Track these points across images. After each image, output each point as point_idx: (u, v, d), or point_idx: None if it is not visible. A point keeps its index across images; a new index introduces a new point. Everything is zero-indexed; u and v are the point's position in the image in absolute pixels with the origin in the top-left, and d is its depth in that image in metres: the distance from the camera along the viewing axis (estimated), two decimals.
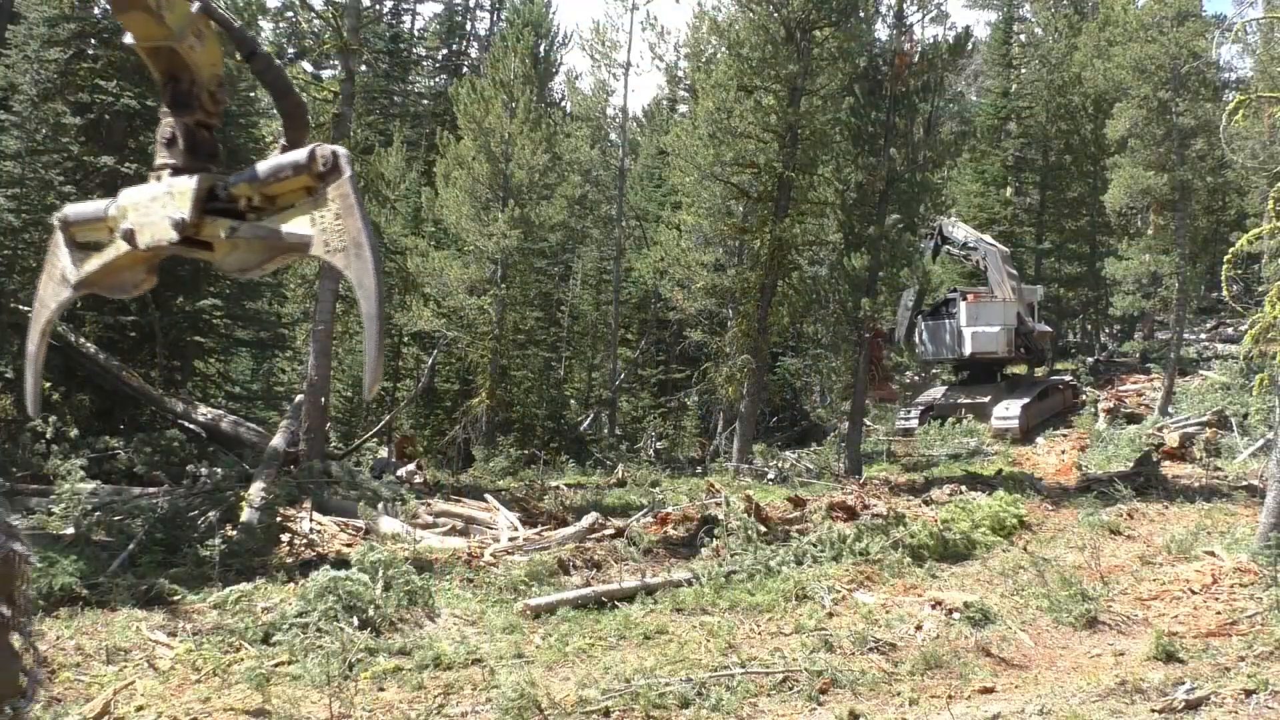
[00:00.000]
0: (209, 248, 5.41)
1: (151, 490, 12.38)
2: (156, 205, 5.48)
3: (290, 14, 20.89)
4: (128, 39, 5.36)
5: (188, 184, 5.42)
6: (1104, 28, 31.89)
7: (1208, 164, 27.55)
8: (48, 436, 12.14)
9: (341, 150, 4.96)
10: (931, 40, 25.32)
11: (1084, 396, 27.99)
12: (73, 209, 6.29)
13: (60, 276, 6.33)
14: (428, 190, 26.79)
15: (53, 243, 6.16)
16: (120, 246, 5.12)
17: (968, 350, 26.87)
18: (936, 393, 28.74)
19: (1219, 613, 9.02)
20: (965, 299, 27.15)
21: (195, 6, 5.29)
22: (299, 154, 5.15)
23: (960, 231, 27.67)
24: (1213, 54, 29.48)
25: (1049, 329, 29.92)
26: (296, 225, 5.34)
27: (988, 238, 28.36)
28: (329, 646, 6.94)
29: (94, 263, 5.52)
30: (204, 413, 16.26)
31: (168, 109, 5.46)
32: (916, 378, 31.26)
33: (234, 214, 5.19)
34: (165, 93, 5.50)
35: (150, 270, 5.36)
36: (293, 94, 6.01)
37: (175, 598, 8.57)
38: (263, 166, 5.20)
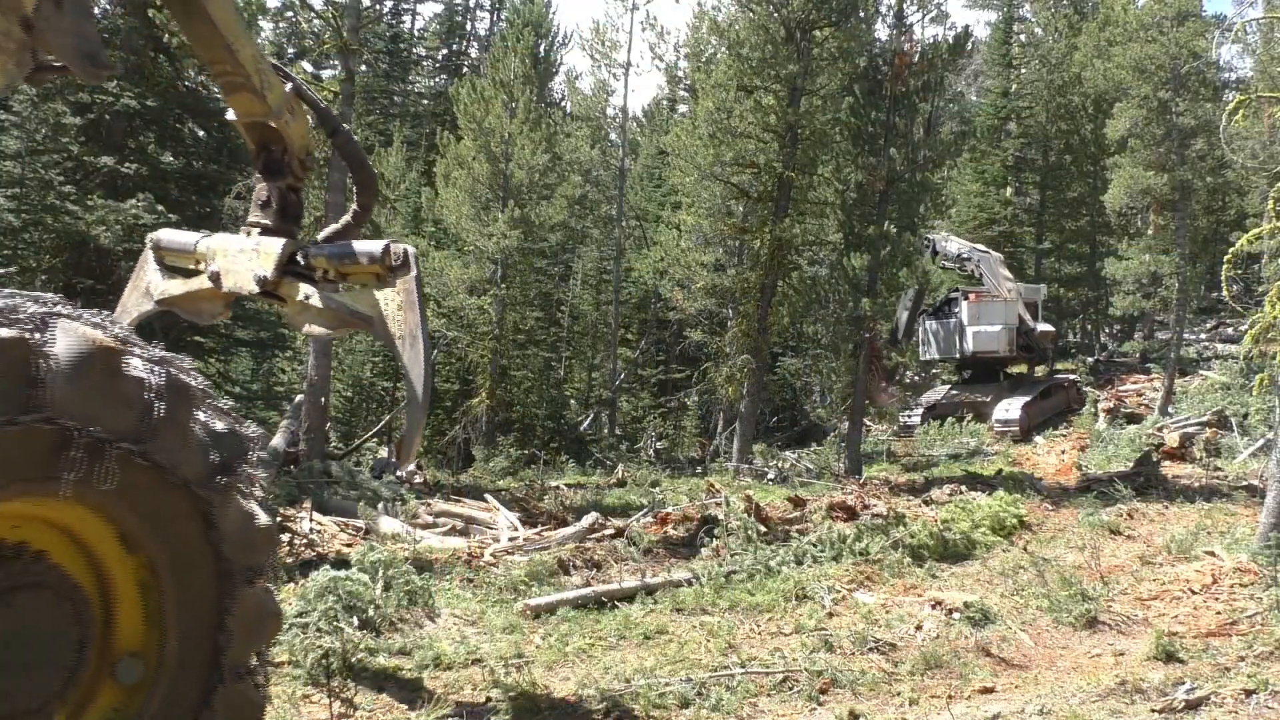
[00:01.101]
0: (283, 301, 5.60)
1: None
2: (244, 258, 5.77)
3: (290, 14, 20.91)
4: (230, 115, 5.57)
5: (274, 246, 5.72)
6: (1104, 28, 31.89)
7: (1208, 164, 27.54)
8: None
9: (411, 249, 5.27)
10: (931, 40, 25.33)
11: (1086, 394, 28.00)
12: (165, 235, 6.30)
13: (145, 290, 6.56)
14: (428, 190, 26.82)
15: (143, 259, 6.05)
16: (205, 281, 5.23)
17: (969, 349, 26.89)
18: (938, 392, 28.75)
19: (1219, 613, 9.02)
20: (967, 298, 27.16)
21: (289, 88, 5.65)
22: (375, 246, 5.55)
23: (954, 245, 27.73)
24: (1213, 54, 29.48)
25: (1050, 328, 29.93)
26: (364, 305, 5.62)
27: (980, 246, 28.44)
28: (329, 646, 6.94)
29: (180, 286, 5.66)
30: None
31: (261, 175, 5.76)
32: (917, 378, 31.27)
33: (309, 279, 5.46)
34: (259, 161, 5.81)
35: (227, 305, 5.47)
36: (367, 167, 6.36)
37: None
38: (344, 248, 5.54)
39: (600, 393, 32.91)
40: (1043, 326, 28.93)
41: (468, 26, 42.84)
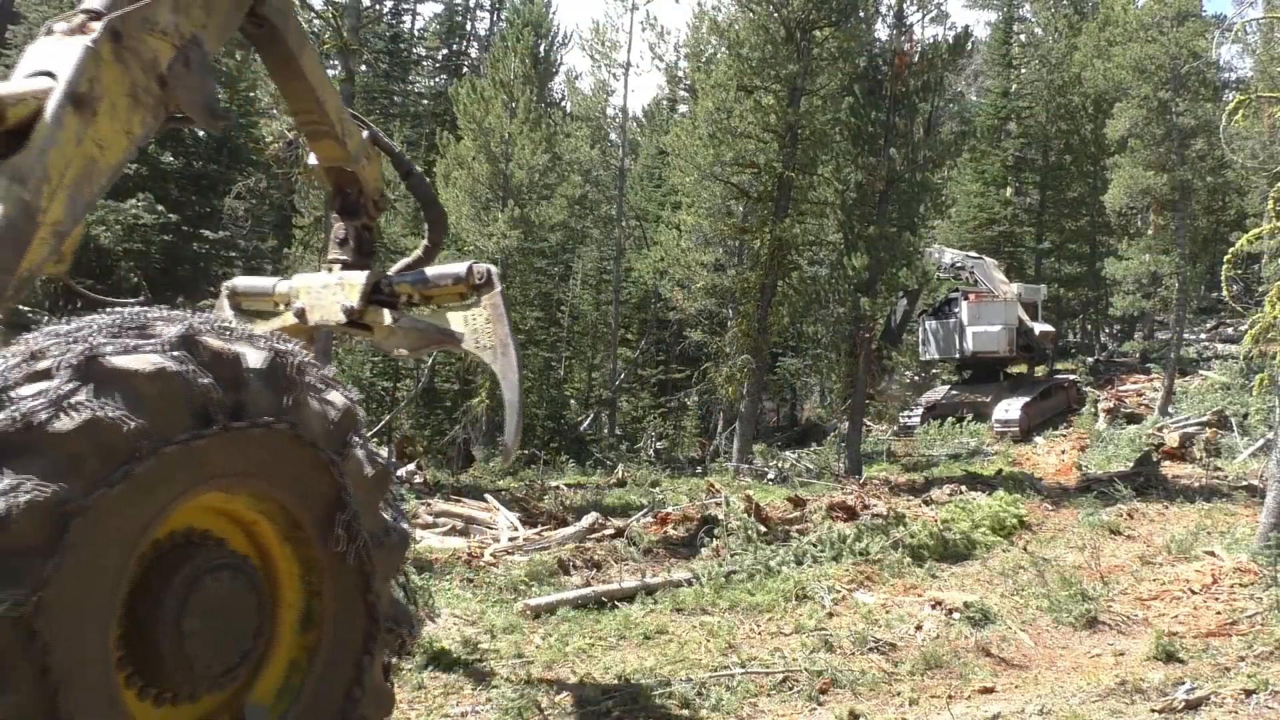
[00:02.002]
0: (369, 329, 6.15)
1: None
2: (328, 292, 6.33)
3: None
4: (311, 160, 6.23)
5: (358, 278, 6.29)
6: (1104, 28, 31.88)
7: (1208, 164, 27.54)
8: None
9: (493, 268, 5.87)
10: (931, 40, 25.32)
11: (1086, 394, 28.00)
12: (241, 281, 6.97)
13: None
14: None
15: (218, 306, 6.79)
16: (288, 318, 5.76)
17: (969, 349, 26.90)
18: (938, 392, 28.76)
19: (1219, 613, 9.02)
20: (967, 299, 27.16)
21: (366, 135, 6.25)
22: (459, 268, 6.13)
23: (948, 256, 27.76)
24: (1213, 54, 29.47)
25: (1050, 329, 29.94)
26: (451, 323, 6.21)
27: (972, 253, 28.50)
28: None
29: (261, 328, 5.94)
30: None
31: (339, 214, 6.39)
32: (917, 378, 31.28)
33: (391, 306, 5.97)
34: (336, 202, 6.47)
35: (311, 340, 5.95)
36: (438, 206, 7.01)
37: None
38: (429, 273, 6.24)
39: (600, 393, 32.91)
40: (1043, 327, 28.96)
41: (468, 26, 42.83)
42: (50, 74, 4.67)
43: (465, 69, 37.96)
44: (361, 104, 25.79)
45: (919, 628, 8.57)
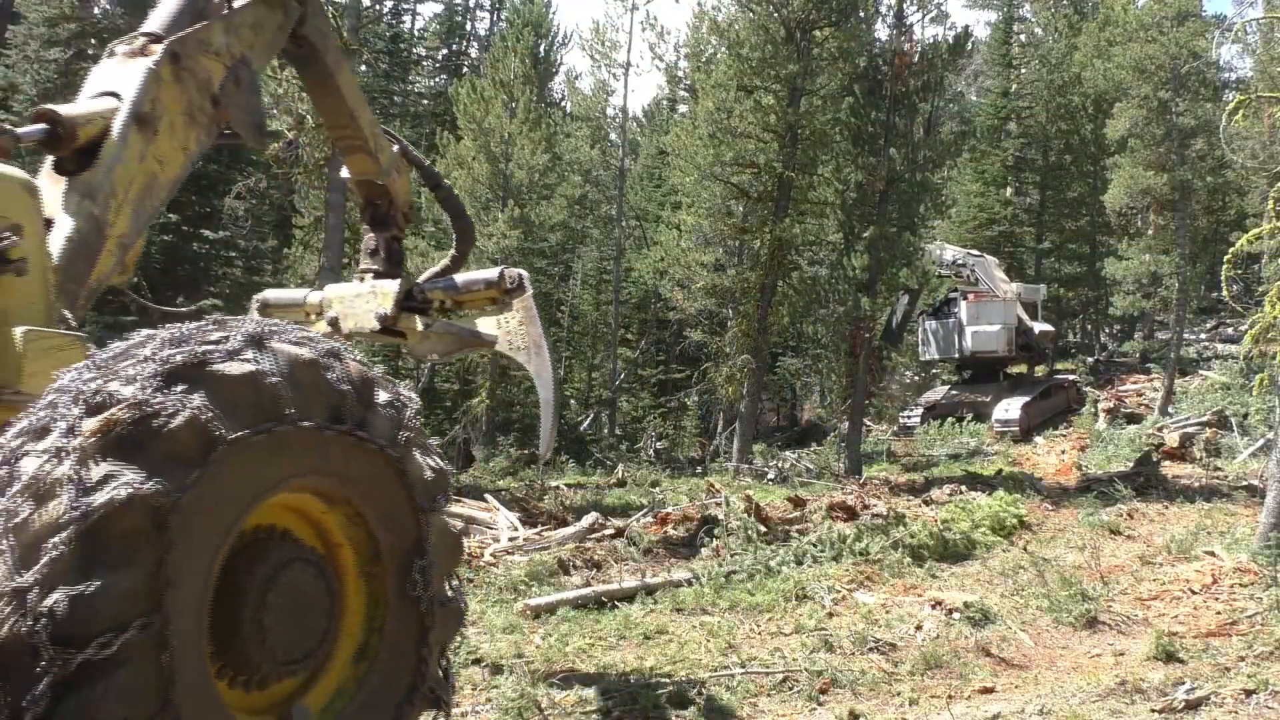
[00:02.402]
0: (402, 335, 6.35)
1: None
2: (361, 301, 6.47)
3: None
4: (344, 173, 6.49)
5: (391, 286, 6.47)
6: (1104, 28, 31.89)
7: (1208, 164, 27.54)
8: None
9: (524, 272, 6.14)
10: (931, 40, 25.33)
11: (1086, 394, 28.01)
12: (272, 294, 7.21)
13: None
14: (427, 190, 26.78)
15: (249, 318, 6.72)
16: (321, 327, 5.87)
17: (969, 349, 26.90)
18: (937, 392, 28.75)
19: (1219, 613, 9.02)
20: (966, 299, 27.16)
21: (396, 149, 6.69)
22: (490, 274, 6.49)
23: (949, 253, 27.72)
24: (1213, 54, 29.48)
25: (1050, 328, 29.92)
26: (484, 326, 6.48)
27: (974, 251, 28.46)
28: None
29: None
30: None
31: (369, 226, 6.60)
32: (916, 378, 31.28)
33: (423, 312, 6.13)
34: (366, 214, 6.80)
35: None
36: (465, 217, 7.21)
37: None
38: (459, 279, 6.49)
39: (600, 393, 32.92)
40: (1042, 326, 28.94)
41: (468, 26, 42.86)
42: (115, 94, 5.00)
43: (465, 69, 37.96)
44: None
45: (919, 628, 8.57)
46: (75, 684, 2.99)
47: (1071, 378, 29.73)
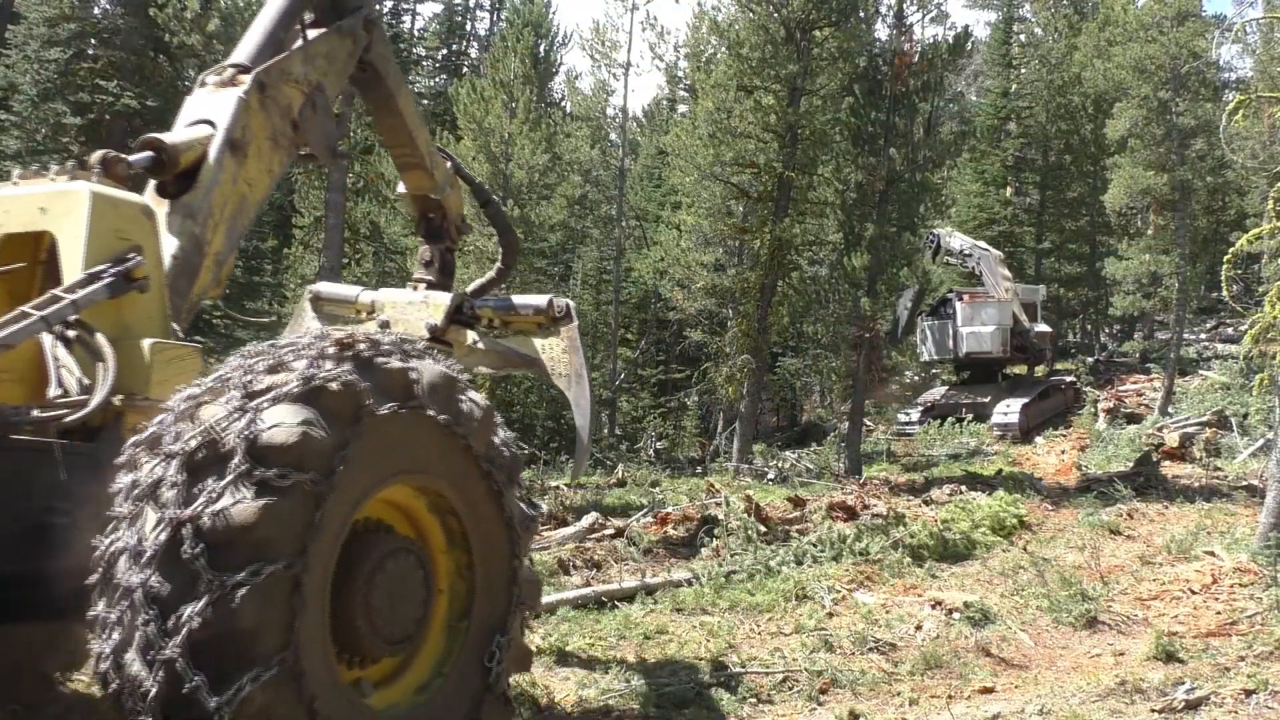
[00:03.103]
0: (449, 345, 6.59)
1: None
2: (413, 309, 6.81)
3: None
4: (400, 189, 7.39)
5: (443, 299, 6.89)
6: (1104, 28, 31.88)
7: (1208, 164, 27.54)
8: None
9: (571, 303, 7.09)
10: (931, 40, 25.33)
11: (1085, 396, 28.00)
12: (324, 287, 7.65)
13: (305, 333, 7.18)
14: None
15: (300, 308, 7.39)
16: (370, 327, 5.85)
17: (963, 350, 26.89)
18: (937, 393, 28.74)
19: (1219, 613, 9.02)
20: (961, 299, 27.17)
21: (449, 165, 7.32)
22: (540, 300, 7.05)
23: (957, 241, 27.68)
24: (1213, 54, 29.49)
25: (1048, 329, 29.87)
26: (529, 349, 6.88)
27: (982, 243, 28.42)
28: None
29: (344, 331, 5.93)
30: None
31: (424, 238, 7.30)
32: (916, 378, 31.26)
33: (472, 327, 6.54)
34: (421, 227, 7.40)
35: None
36: (512, 232, 8.00)
37: None
38: (509, 301, 7.04)
39: (600, 393, 32.88)
40: (1040, 327, 28.89)
41: (468, 26, 42.85)
42: (210, 122, 5.46)
43: (465, 69, 37.96)
44: (362, 104, 25.79)
45: (919, 628, 8.57)
46: (226, 603, 3.41)
47: (1071, 379, 29.72)
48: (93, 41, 19.04)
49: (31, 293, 4.81)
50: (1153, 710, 6.11)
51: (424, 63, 39.88)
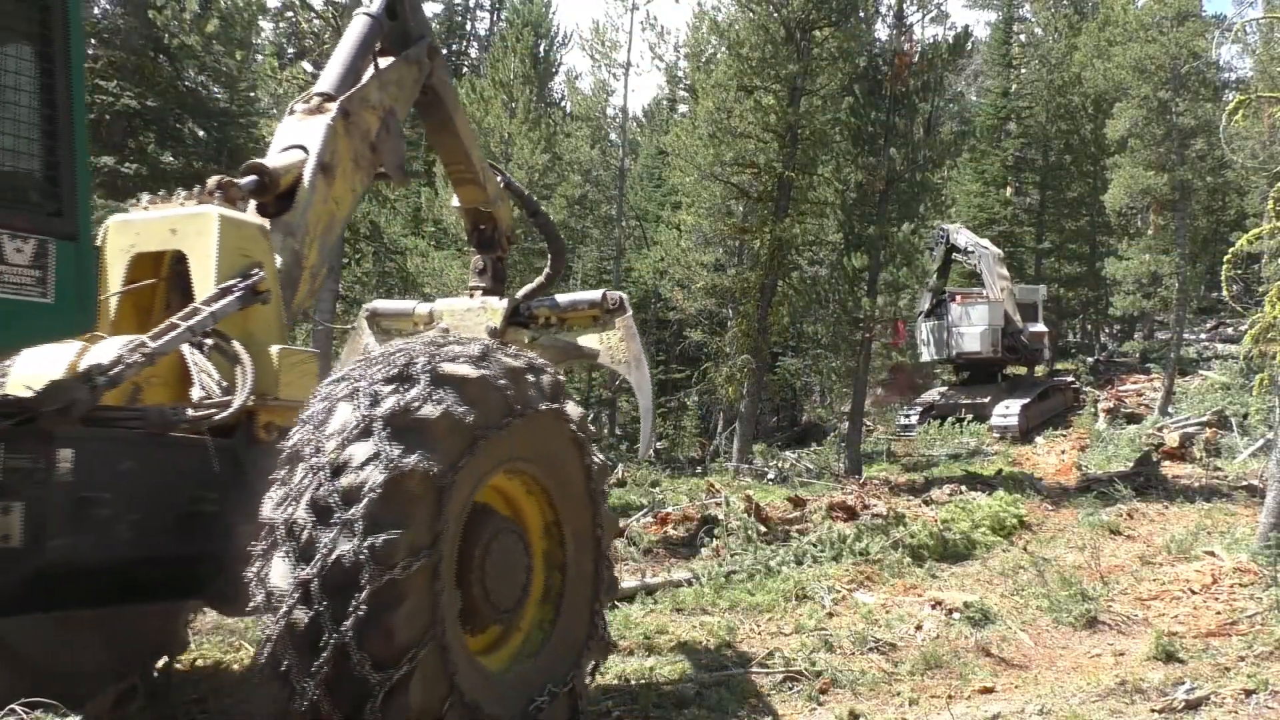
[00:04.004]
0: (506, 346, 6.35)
1: None
2: (472, 315, 7.45)
3: (290, 14, 20.91)
4: (454, 202, 8.15)
5: (500, 303, 7.62)
6: (1104, 28, 31.89)
7: (1208, 164, 27.55)
8: None
9: (624, 295, 7.73)
10: (931, 40, 25.32)
11: (1085, 396, 28.00)
12: (380, 304, 8.40)
13: (363, 351, 7.42)
14: (428, 190, 26.79)
15: (357, 327, 8.13)
16: (431, 335, 6.05)
17: (954, 350, 26.89)
18: (935, 393, 28.74)
19: (1219, 613, 9.02)
20: (954, 299, 27.19)
21: (499, 180, 8.00)
22: (594, 295, 7.72)
23: (963, 238, 27.70)
24: (1213, 54, 29.49)
25: (1044, 329, 29.81)
26: (587, 341, 7.64)
27: (985, 241, 28.43)
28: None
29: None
30: None
31: (476, 248, 7.93)
32: (918, 379, 31.27)
33: (527, 326, 7.34)
34: (473, 238, 8.05)
35: None
36: (559, 239, 8.58)
37: None
38: (562, 299, 7.71)
39: (600, 393, 32.90)
40: (1035, 327, 28.79)
41: (468, 26, 42.88)
42: (303, 147, 6.02)
43: (465, 69, 37.95)
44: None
45: (919, 628, 8.57)
46: (383, 594, 3.94)
47: (1071, 379, 29.71)
48: (93, 41, 19.02)
49: (155, 305, 5.46)
50: (1153, 710, 6.11)
51: None
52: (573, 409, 5.11)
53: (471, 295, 7.76)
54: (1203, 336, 34.75)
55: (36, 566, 4.20)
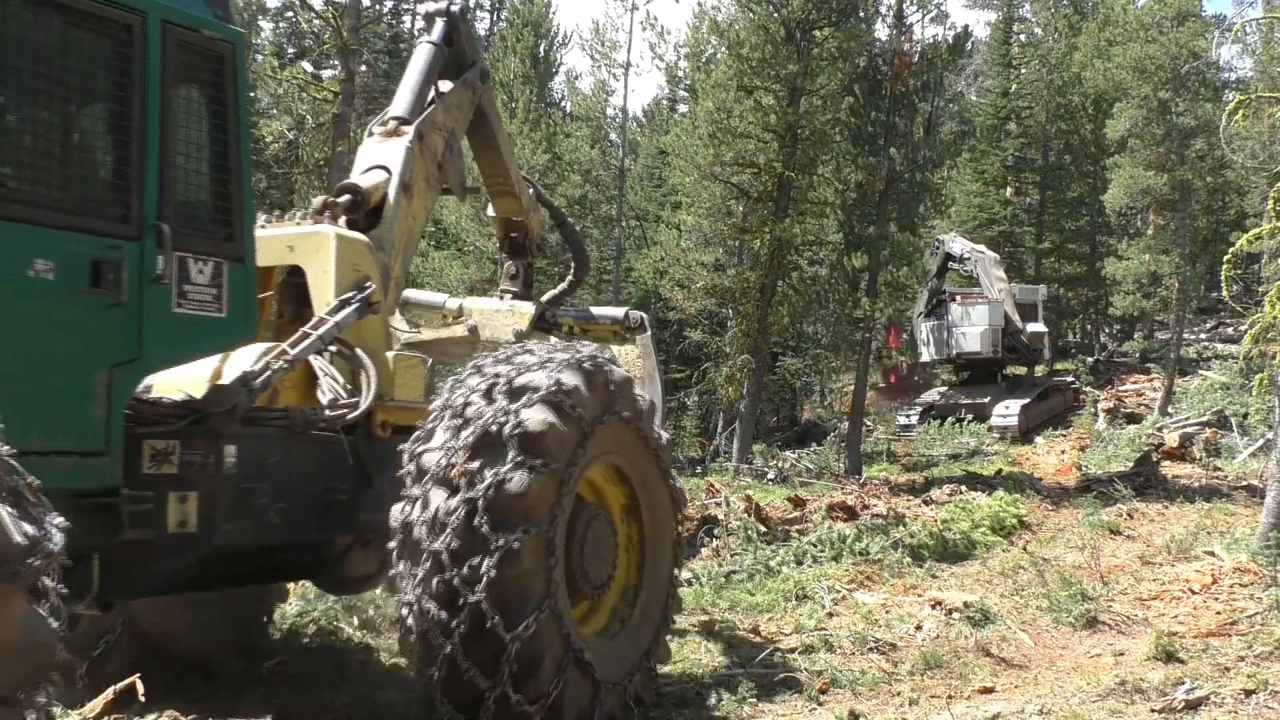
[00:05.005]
0: None
1: None
2: (500, 316, 7.95)
3: (290, 14, 20.91)
4: (490, 211, 8.87)
5: (527, 309, 8.16)
6: (1104, 28, 31.89)
7: (1208, 164, 27.54)
8: None
9: (644, 315, 8.74)
10: (931, 40, 25.32)
11: (1085, 397, 28.00)
12: (413, 294, 8.74)
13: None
14: None
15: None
16: (458, 330, 7.32)
17: (954, 350, 26.91)
18: (935, 393, 28.75)
19: (1219, 613, 9.01)
20: (954, 299, 27.19)
21: (532, 192, 8.63)
22: (617, 312, 8.75)
23: (958, 245, 27.74)
24: (1213, 54, 29.51)
25: (1043, 329, 29.80)
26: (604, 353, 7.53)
27: (980, 246, 28.49)
28: (332, 646, 6.94)
29: (430, 334, 7.81)
30: None
31: (508, 255, 8.67)
32: (918, 379, 31.27)
33: (549, 332, 7.83)
34: (505, 245, 8.79)
35: (473, 349, 7.50)
36: (583, 250, 9.66)
37: None
38: (590, 312, 8.77)
39: None
40: (1035, 327, 28.79)
41: None
42: (385, 168, 6.58)
43: None
44: (362, 104, 25.79)
45: (919, 628, 8.57)
46: (506, 559, 4.64)
47: (1071, 379, 29.69)
48: None
49: (265, 316, 6.03)
50: (1153, 710, 6.11)
51: None
52: (648, 413, 5.92)
53: (501, 297, 8.20)
54: (1203, 336, 34.74)
55: (208, 550, 4.82)
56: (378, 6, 34.30)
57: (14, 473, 2.95)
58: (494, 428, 4.79)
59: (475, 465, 4.70)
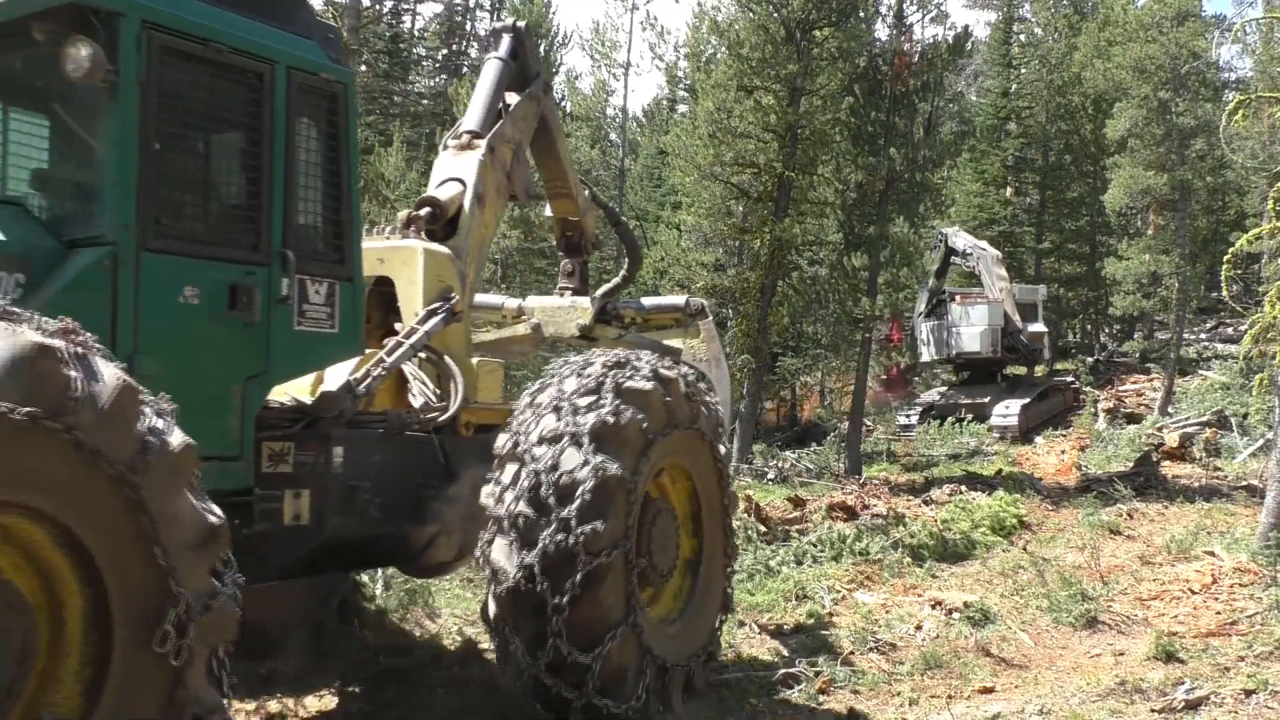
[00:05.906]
0: (595, 341, 8.57)
1: None
2: (563, 313, 8.73)
3: None
4: (548, 212, 9.50)
5: (588, 303, 8.80)
6: (1104, 28, 31.87)
7: (1208, 164, 27.53)
8: None
9: (705, 301, 9.47)
10: (931, 40, 25.31)
11: (1084, 397, 27.99)
12: (475, 297, 8.22)
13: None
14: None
15: None
16: (519, 329, 8.15)
17: (954, 350, 26.90)
18: (935, 393, 28.73)
19: (1219, 613, 9.02)
20: (954, 299, 27.18)
21: (587, 193, 9.22)
22: (678, 300, 9.51)
23: (961, 240, 27.70)
24: (1213, 54, 29.51)
25: (1043, 329, 29.77)
26: (671, 340, 9.01)
27: (983, 243, 28.45)
28: (330, 646, 6.91)
29: (491, 335, 8.42)
30: None
31: (564, 253, 9.29)
32: (918, 379, 31.25)
33: (611, 325, 8.57)
34: (562, 243, 9.41)
35: (535, 346, 8.89)
36: (637, 247, 10.04)
37: None
38: (647, 302, 9.49)
39: None
40: (1035, 327, 28.77)
41: (468, 26, 42.78)
42: (460, 180, 6.98)
43: (465, 69, 37.89)
44: (361, 104, 25.79)
45: (919, 628, 8.57)
46: (594, 576, 5.21)
47: (1070, 379, 29.68)
48: None
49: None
50: (1153, 710, 6.11)
51: (424, 63, 39.85)
52: (709, 417, 6.45)
53: (561, 294, 8.62)
54: (1203, 336, 34.73)
55: (318, 542, 5.30)
56: (378, 6, 34.35)
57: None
58: (570, 443, 5.44)
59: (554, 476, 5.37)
